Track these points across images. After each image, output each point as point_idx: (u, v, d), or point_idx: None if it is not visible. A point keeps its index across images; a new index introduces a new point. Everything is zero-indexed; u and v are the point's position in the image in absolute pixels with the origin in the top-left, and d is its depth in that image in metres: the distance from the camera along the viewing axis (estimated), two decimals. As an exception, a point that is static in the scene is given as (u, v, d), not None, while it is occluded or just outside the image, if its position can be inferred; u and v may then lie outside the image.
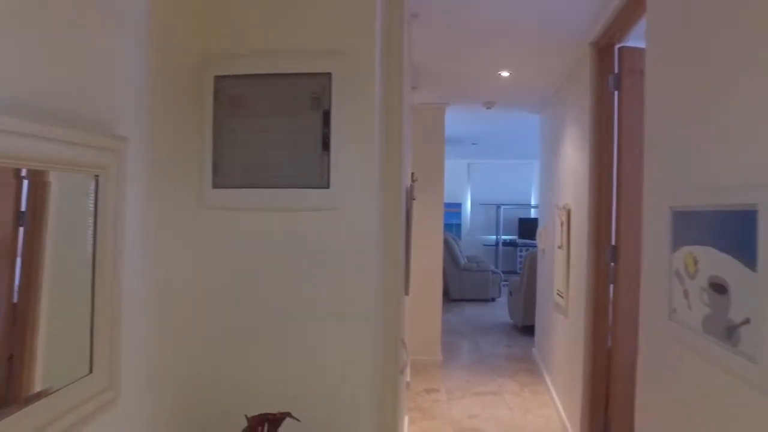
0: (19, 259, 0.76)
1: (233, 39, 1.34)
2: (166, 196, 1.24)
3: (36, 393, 0.78)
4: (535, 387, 4.01)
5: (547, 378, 4.04)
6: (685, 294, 1.34)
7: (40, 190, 0.80)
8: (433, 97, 4.30)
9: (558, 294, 3.60)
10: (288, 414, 1.21)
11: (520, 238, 9.47)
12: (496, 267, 9.18)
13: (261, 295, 1.33)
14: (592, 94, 2.74)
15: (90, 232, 0.88)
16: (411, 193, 2.63)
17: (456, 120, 5.30)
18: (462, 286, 7.56)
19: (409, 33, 2.47)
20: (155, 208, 1.18)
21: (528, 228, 9.20)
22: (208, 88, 1.28)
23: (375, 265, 1.36)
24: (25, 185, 0.77)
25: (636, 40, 2.57)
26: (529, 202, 9.82)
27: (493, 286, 7.68)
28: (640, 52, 2.56)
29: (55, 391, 0.81)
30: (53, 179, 0.81)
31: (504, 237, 9.73)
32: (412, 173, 3.34)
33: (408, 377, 3.81)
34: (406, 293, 2.34)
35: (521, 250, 9.46)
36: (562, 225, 3.49)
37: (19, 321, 0.77)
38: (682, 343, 1.36)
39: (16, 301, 0.76)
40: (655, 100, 1.63)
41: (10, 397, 0.74)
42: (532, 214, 9.70)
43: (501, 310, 6.91)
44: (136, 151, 1.04)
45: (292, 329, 1.33)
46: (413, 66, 3.34)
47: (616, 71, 2.62)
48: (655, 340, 1.58)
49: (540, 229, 4.66)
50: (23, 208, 0.77)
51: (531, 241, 9.03)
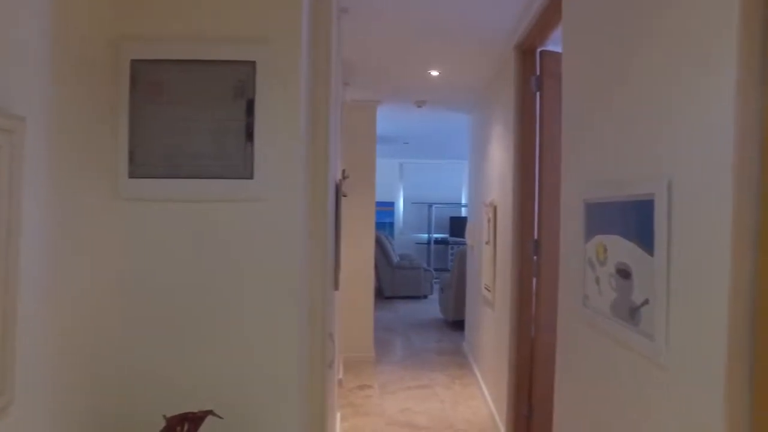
0: None
1: (152, 21, 1.27)
2: (77, 185, 1.16)
3: None
4: (464, 379, 4.13)
5: (476, 370, 4.17)
6: (597, 280, 1.44)
7: None
8: (365, 95, 4.32)
9: (486, 288, 3.73)
10: (210, 412, 1.17)
11: (451, 236, 9.73)
12: (428, 265, 9.38)
13: (181, 290, 1.28)
14: (516, 95, 2.86)
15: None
16: (341, 188, 2.63)
17: (388, 118, 5.35)
18: (395, 284, 7.66)
19: (340, 28, 2.47)
20: (64, 198, 1.09)
21: (459, 226, 9.47)
22: (124, 72, 1.21)
23: (301, 258, 1.35)
24: None
25: (556, 44, 2.72)
26: (460, 201, 10.12)
27: (425, 284, 7.84)
28: (560, 56, 2.71)
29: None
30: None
31: (436, 235, 9.96)
32: (343, 170, 3.34)
33: (340, 374, 3.80)
34: (336, 288, 2.34)
35: (452, 248, 9.72)
36: (489, 221, 3.62)
37: None
38: (594, 327, 1.45)
39: None
40: (569, 101, 1.73)
41: None
42: (463, 212, 9.99)
43: (433, 307, 7.07)
44: (40, 135, 0.96)
45: (215, 324, 1.29)
46: (345, 62, 3.34)
47: (538, 73, 2.75)
48: (570, 327, 1.67)
49: (469, 226, 4.81)
50: None
51: (462, 239, 9.30)
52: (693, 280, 1.00)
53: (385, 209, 9.72)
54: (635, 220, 1.22)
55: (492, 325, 3.56)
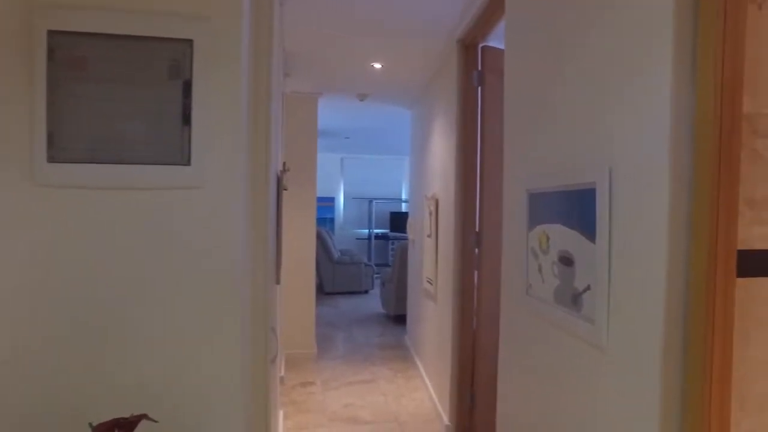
0: None
1: (72, -11, 1.16)
2: (-15, 170, 1.04)
3: None
4: (407, 372, 4.15)
5: (418, 363, 4.21)
6: (540, 269, 1.47)
7: None
8: (306, 86, 4.23)
9: (428, 281, 3.76)
10: (143, 416, 1.08)
11: (391, 231, 9.79)
12: (369, 260, 9.39)
13: (109, 285, 1.17)
14: (459, 90, 2.90)
15: None
16: (282, 181, 2.55)
17: (329, 111, 5.27)
18: (336, 280, 7.61)
19: (281, 16, 2.39)
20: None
21: (399, 221, 9.55)
22: (40, 44, 1.08)
23: (241, 250, 1.28)
24: None
25: (495, 40, 2.78)
26: (400, 196, 10.19)
27: (366, 279, 7.84)
28: (501, 53, 2.77)
29: None
30: None
31: (376, 230, 9.99)
32: (284, 162, 3.26)
33: (282, 372, 3.71)
34: (277, 282, 2.26)
35: (393, 243, 9.79)
36: (430, 215, 3.66)
37: None
38: (538, 314, 1.48)
39: None
40: (512, 94, 1.76)
41: None
42: (403, 208, 10.08)
43: (374, 301, 7.08)
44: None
45: (148, 322, 1.20)
46: (286, 53, 3.25)
47: (480, 68, 2.80)
48: (514, 315, 1.70)
49: (410, 220, 4.84)
50: None
51: (402, 234, 9.39)
52: (633, 265, 1.04)
53: (326, 204, 9.63)
54: (577, 208, 1.25)
55: (434, 318, 3.60)
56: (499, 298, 1.90)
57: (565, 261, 1.31)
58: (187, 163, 1.18)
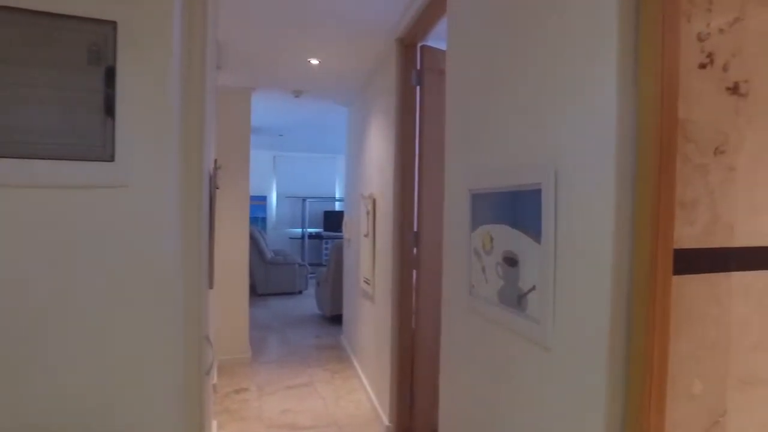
0: None
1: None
2: None
3: None
4: (345, 373, 4.10)
5: (356, 363, 4.17)
6: (483, 269, 1.47)
7: None
8: (239, 81, 4.06)
9: (365, 281, 3.73)
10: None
11: (325, 230, 9.68)
12: (303, 260, 9.24)
13: (20, 295, 1.04)
14: (398, 88, 2.88)
15: None
16: (215, 180, 2.42)
17: (263, 108, 5.11)
18: (269, 280, 7.41)
19: (216, 3, 2.26)
20: None
21: (333, 220, 9.47)
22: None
23: (173, 253, 1.18)
24: None
25: (434, 40, 2.78)
26: (334, 195, 10.11)
27: (301, 279, 7.70)
28: (439, 52, 2.78)
29: None
30: None
31: (310, 230, 9.84)
32: (215, 160, 3.10)
33: (215, 379, 3.54)
34: (211, 286, 2.14)
35: (327, 242, 9.69)
36: (368, 214, 3.62)
37: None
38: (481, 315, 1.49)
39: None
40: (453, 93, 1.76)
41: None
42: (337, 207, 10.00)
43: (309, 302, 6.96)
44: None
45: (68, 335, 1.07)
46: (218, 44, 3.09)
47: (419, 67, 2.80)
48: (456, 315, 1.70)
49: (346, 219, 4.79)
50: None
51: (336, 233, 9.31)
52: (578, 265, 1.05)
53: (258, 203, 9.36)
54: (522, 209, 1.26)
55: (372, 318, 3.57)
56: (439, 297, 1.90)
57: (510, 261, 1.32)
58: (110, 159, 1.06)
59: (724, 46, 1.17)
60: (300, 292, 7.70)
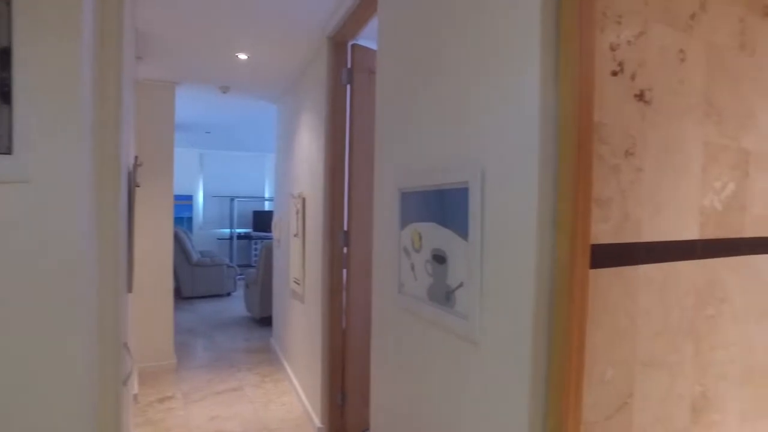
0: None
1: None
2: None
3: None
4: (275, 376, 4.01)
5: (286, 366, 4.09)
6: (412, 267, 1.49)
7: None
8: (162, 73, 3.85)
9: (295, 281, 3.67)
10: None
11: (254, 231, 9.44)
12: (231, 261, 8.96)
13: None
14: (328, 87, 2.85)
15: None
16: (134, 177, 2.28)
17: (188, 103, 4.89)
18: (195, 283, 7.11)
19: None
20: None
21: (262, 221, 9.25)
22: None
23: (85, 254, 1.09)
24: None
25: (365, 39, 2.79)
26: (263, 194, 9.88)
27: (229, 281, 7.46)
28: (370, 52, 2.78)
29: None
30: None
31: (238, 230, 9.55)
32: (136, 156, 2.92)
33: (135, 388, 3.34)
34: (129, 290, 2.01)
35: (256, 243, 9.45)
36: (297, 213, 3.57)
37: None
38: (411, 312, 1.50)
39: None
40: (384, 93, 1.77)
41: None
42: (267, 206, 9.78)
43: (238, 304, 6.76)
44: None
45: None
46: (138, 33, 2.91)
47: (349, 66, 2.79)
48: (386, 314, 1.71)
49: (275, 219, 4.69)
50: None
51: (266, 233, 9.10)
52: (504, 261, 1.09)
53: (184, 203, 8.96)
54: (451, 207, 1.28)
55: (302, 319, 3.52)
56: (369, 296, 1.90)
57: (439, 259, 1.34)
58: (7, 152, 0.96)
59: (631, 56, 1.26)
60: (228, 295, 7.46)
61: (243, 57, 3.37)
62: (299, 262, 3.52)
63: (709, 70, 1.43)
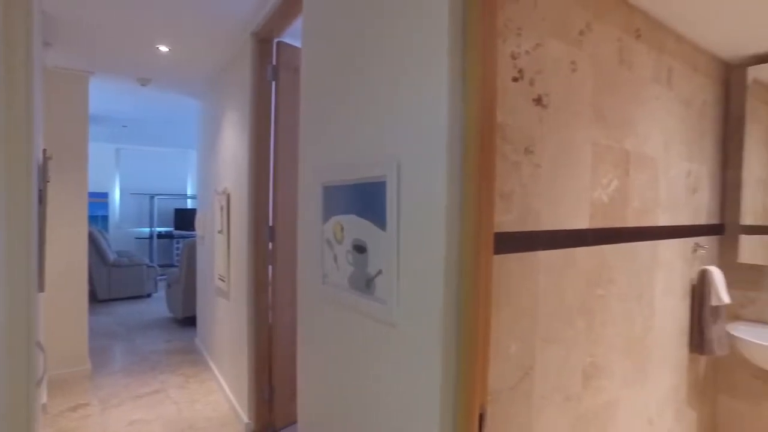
0: None
1: None
2: None
3: None
4: (200, 376, 3.93)
5: (212, 365, 4.02)
6: (335, 258, 1.56)
7: None
8: (74, 62, 3.64)
9: (220, 278, 3.62)
10: None
11: (176, 229, 9.09)
12: (152, 261, 8.58)
13: None
14: (253, 83, 2.85)
15: None
16: (45, 171, 2.17)
17: (104, 95, 4.64)
18: (112, 285, 6.75)
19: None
20: None
21: (185, 219, 8.93)
22: None
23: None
24: None
25: (291, 37, 2.82)
26: (186, 192, 9.53)
27: (149, 281, 7.14)
28: (295, 50, 2.82)
29: None
30: None
31: (159, 229, 9.15)
32: (44, 149, 2.77)
33: (44, 398, 3.16)
34: (41, 289, 1.93)
35: (178, 242, 9.11)
36: (222, 210, 3.53)
37: None
38: (334, 302, 1.58)
39: None
40: (308, 90, 1.82)
41: None
42: (189, 204, 9.45)
43: (159, 305, 6.50)
44: None
45: None
46: (46, 16, 2.75)
47: (275, 63, 2.81)
48: (311, 306, 1.77)
49: (199, 216, 4.58)
50: None
51: (188, 232, 8.80)
52: (417, 249, 1.19)
53: (98, 200, 8.45)
54: (369, 199, 1.37)
55: (228, 316, 3.49)
56: (295, 291, 1.95)
57: (359, 249, 1.43)
58: None
59: (530, 64, 1.41)
60: (149, 296, 7.15)
61: (164, 49, 3.27)
62: (224, 259, 3.48)
63: (596, 80, 1.62)
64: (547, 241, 1.51)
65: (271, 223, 2.93)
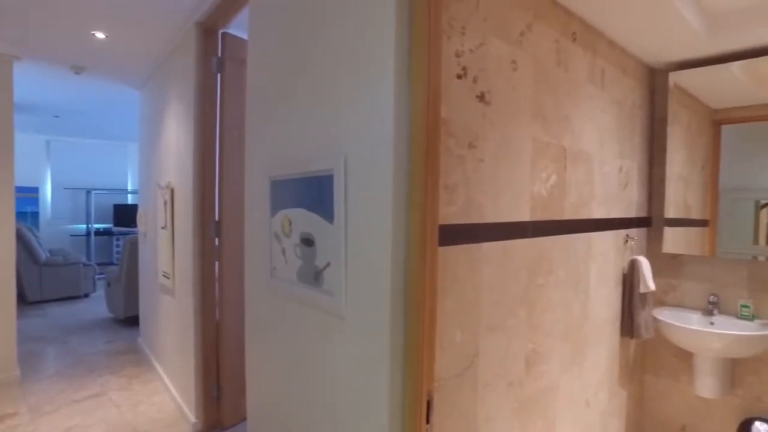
0: None
1: None
2: None
3: None
4: (144, 377, 3.80)
5: (156, 365, 3.90)
6: (283, 252, 1.56)
7: None
8: (-4, 47, 3.40)
9: (164, 275, 3.51)
10: None
11: (116, 226, 8.69)
12: (89, 259, 8.17)
13: None
14: (197, 75, 2.77)
15: None
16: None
17: (33, 82, 4.36)
18: (44, 285, 6.38)
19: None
20: None
21: (125, 215, 8.56)
22: None
23: None
24: None
25: (237, 29, 2.76)
26: (126, 187, 9.12)
27: (86, 281, 6.80)
28: (242, 42, 2.76)
29: None
30: None
31: (97, 226, 8.72)
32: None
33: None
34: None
35: (118, 239, 8.72)
36: (165, 205, 3.41)
37: None
38: (283, 295, 1.57)
39: None
40: (254, 83, 1.80)
41: None
42: (130, 200, 9.05)
43: (98, 306, 6.21)
44: None
45: None
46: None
47: (220, 55, 2.74)
48: (259, 299, 1.76)
49: (141, 211, 4.41)
50: None
51: (129, 228, 8.43)
52: (365, 241, 1.21)
53: (27, 195, 7.94)
54: (317, 193, 1.37)
55: (173, 314, 3.39)
56: (242, 285, 1.93)
57: (307, 242, 1.43)
58: None
59: (473, 63, 1.46)
60: (86, 296, 6.81)
61: (100, 36, 3.11)
62: (168, 255, 3.37)
63: (536, 79, 1.70)
64: (489, 233, 1.56)
65: (217, 218, 2.87)
